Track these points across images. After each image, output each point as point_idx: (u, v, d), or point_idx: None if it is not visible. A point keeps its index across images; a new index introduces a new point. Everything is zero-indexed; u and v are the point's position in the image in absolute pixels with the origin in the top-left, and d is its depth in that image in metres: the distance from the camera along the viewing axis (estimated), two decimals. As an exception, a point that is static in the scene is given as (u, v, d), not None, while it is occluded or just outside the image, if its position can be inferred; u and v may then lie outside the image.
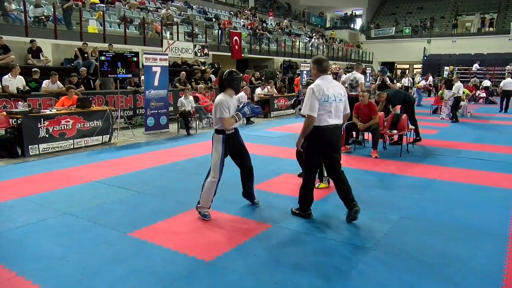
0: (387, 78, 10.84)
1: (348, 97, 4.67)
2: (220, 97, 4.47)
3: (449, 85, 14.16)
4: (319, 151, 4.35)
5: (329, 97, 4.19)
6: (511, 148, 8.82)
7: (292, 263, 3.50)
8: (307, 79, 6.01)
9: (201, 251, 3.70)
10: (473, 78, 24.84)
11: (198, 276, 3.27)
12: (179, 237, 4.04)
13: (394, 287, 3.14)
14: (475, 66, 28.37)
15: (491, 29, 33.22)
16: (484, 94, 21.02)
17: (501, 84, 17.35)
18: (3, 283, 3.13)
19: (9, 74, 9.12)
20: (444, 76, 25.35)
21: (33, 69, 10.20)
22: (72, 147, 8.29)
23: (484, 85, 21.33)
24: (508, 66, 26.90)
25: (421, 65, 33.71)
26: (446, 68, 28.72)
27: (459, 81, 13.66)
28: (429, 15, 36.94)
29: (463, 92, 15.44)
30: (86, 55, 12.58)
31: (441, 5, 37.91)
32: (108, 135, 9.05)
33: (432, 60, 32.94)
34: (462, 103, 15.10)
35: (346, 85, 9.02)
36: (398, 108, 8.86)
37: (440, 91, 15.79)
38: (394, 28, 36.40)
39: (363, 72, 10.41)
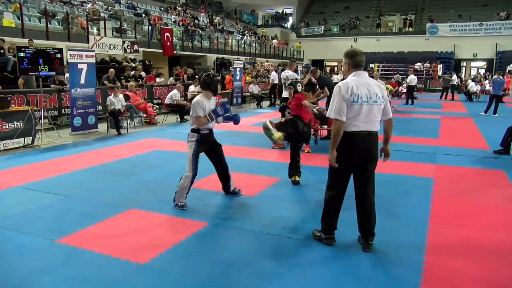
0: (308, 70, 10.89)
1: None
2: (197, 97, 4.77)
3: None
4: (348, 162, 3.62)
5: (359, 97, 3.46)
6: (430, 139, 9.53)
7: (230, 260, 3.52)
8: (290, 80, 6.20)
9: (135, 254, 3.59)
10: (395, 75, 26.49)
11: (133, 280, 3.18)
12: (111, 241, 3.90)
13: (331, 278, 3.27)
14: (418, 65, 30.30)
15: (410, 29, 35.59)
16: (405, 90, 22.44)
17: (407, 80, 19.77)
18: None
19: None
20: (370, 74, 26.74)
21: None
22: (-11, 150, 7.66)
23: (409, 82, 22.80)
24: (418, 64, 29.27)
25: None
26: (371, 65, 30.29)
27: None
28: (355, 15, 38.71)
29: (387, 88, 16.43)
30: (2, 51, 11.65)
31: (366, 5, 39.83)
32: (31, 137, 8.46)
33: (361, 58, 34.59)
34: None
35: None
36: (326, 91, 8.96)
37: None
38: (323, 26, 37.70)
39: (295, 70, 10.53)
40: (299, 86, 6.16)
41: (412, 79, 19.39)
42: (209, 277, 3.23)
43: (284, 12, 41.14)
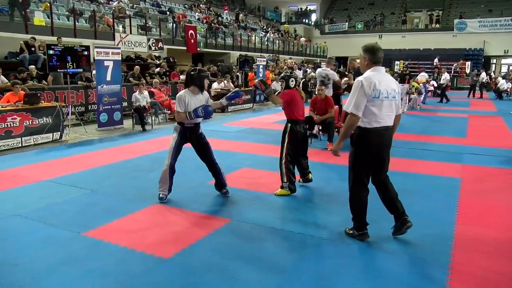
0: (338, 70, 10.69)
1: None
2: (181, 92, 4.88)
3: (402, 79, 14.71)
4: (367, 156, 3.64)
5: (380, 93, 3.46)
6: (457, 139, 9.31)
7: (252, 257, 3.52)
8: (285, 72, 5.79)
9: (158, 249, 3.64)
10: (422, 73, 25.94)
11: (156, 274, 3.22)
12: (135, 235, 3.96)
13: (350, 278, 3.24)
14: (435, 60, 29.52)
15: (437, 25, 34.77)
16: (432, 88, 21.96)
17: (441, 78, 19.47)
18: None
19: None
20: (395, 70, 26.31)
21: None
22: (20, 145, 7.89)
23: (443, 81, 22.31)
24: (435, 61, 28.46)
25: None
26: (396, 62, 29.79)
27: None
28: (380, 11, 38.10)
29: (413, 86, 16.12)
30: (33, 49, 11.98)
31: (391, 1, 39.15)
32: (59, 132, 8.68)
33: (384, 55, 34.00)
34: (412, 96, 15.74)
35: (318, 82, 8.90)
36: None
37: None
38: (347, 23, 37.25)
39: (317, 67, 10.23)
40: (292, 81, 5.41)
41: (446, 77, 19.08)
42: (231, 273, 3.24)
43: (307, 9, 40.84)
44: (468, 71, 28.63)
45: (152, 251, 3.58)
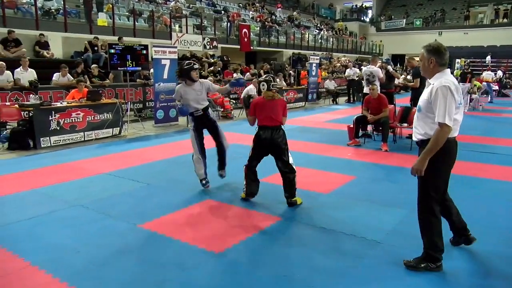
0: (389, 66, 10.29)
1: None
2: (177, 86, 5.48)
3: (463, 78, 13.98)
4: (449, 170, 3.25)
5: (461, 99, 3.17)
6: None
7: (302, 256, 3.50)
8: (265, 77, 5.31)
9: (211, 243, 3.72)
10: (486, 71, 24.51)
11: (208, 268, 3.30)
12: (189, 229, 4.07)
13: (399, 281, 3.14)
14: (488, 58, 27.86)
15: (504, 20, 32.64)
16: (496, 87, 20.73)
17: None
18: (17, 272, 3.19)
19: (20, 67, 9.23)
20: (456, 68, 25.04)
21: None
22: (82, 139, 8.36)
23: (498, 77, 21.07)
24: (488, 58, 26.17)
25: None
26: (457, 60, 28.35)
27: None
28: (440, 7, 36.42)
29: (475, 85, 15.29)
30: (96, 48, 12.64)
31: (453, -4, 37.37)
32: (118, 128, 9.11)
33: (444, 53, 32.47)
34: (474, 96, 14.94)
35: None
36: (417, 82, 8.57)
37: None
38: (404, 20, 35.96)
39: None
40: (262, 85, 4.87)
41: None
42: (281, 271, 3.25)
43: (363, 6, 39.88)
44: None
45: (205, 246, 3.67)
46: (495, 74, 22.34)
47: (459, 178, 5.88)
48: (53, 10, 13.16)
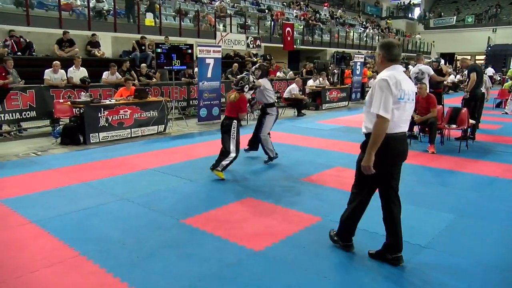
0: (439, 64, 9.92)
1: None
2: (261, 80, 6.52)
3: None
4: (384, 165, 3.20)
5: (405, 94, 3.09)
6: None
7: (341, 258, 3.46)
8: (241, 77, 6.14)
9: (251, 241, 3.75)
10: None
11: (247, 265, 3.32)
12: (230, 226, 4.12)
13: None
14: None
15: None
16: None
17: None
18: (67, 260, 3.35)
19: (73, 66, 9.68)
20: (511, 67, 23.74)
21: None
22: (129, 136, 8.66)
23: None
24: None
25: (484, 56, 31.75)
26: (512, 59, 26.91)
27: None
28: (495, 2, 34.63)
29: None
30: (143, 47, 13.03)
31: (509, -9, 35.45)
32: (163, 125, 9.35)
33: (498, 50, 30.90)
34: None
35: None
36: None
37: (507, 84, 14.79)
38: (455, 17, 34.53)
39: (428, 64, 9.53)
40: (246, 87, 6.15)
41: None
42: (321, 271, 3.22)
43: (411, 3, 38.67)
44: None
45: (244, 243, 3.70)
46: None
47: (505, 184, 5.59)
48: (104, 11, 13.70)
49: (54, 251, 3.52)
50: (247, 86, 6.03)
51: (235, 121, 5.87)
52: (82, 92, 8.69)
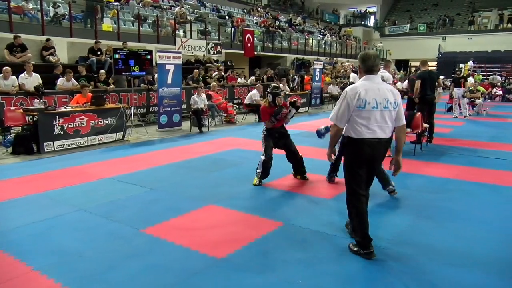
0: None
1: None
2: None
3: (457, 83, 13.96)
4: (358, 167, 3.53)
5: (367, 103, 3.33)
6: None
7: (304, 262, 3.49)
8: (274, 86, 6.20)
9: (213, 248, 3.72)
10: (492, 76, 24.42)
11: (211, 273, 3.29)
12: (191, 234, 4.07)
13: None
14: (470, 63, 27.62)
15: (509, 25, 32.58)
16: (500, 92, 20.69)
17: None
18: (18, 277, 3.19)
19: (25, 72, 9.29)
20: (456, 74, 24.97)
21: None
22: (86, 144, 8.39)
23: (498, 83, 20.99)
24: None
25: (436, 62, 33.26)
26: (461, 66, 28.29)
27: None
28: (444, 12, 36.43)
29: (478, 90, 15.25)
30: (99, 52, 12.70)
31: (457, 1, 37.35)
32: (122, 133, 9.14)
33: (448, 57, 32.47)
34: (477, 101, 14.90)
35: None
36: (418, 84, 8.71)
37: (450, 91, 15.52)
38: (408, 25, 35.99)
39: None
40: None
41: None
42: (283, 277, 3.24)
43: (366, 11, 39.96)
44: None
45: (206, 251, 3.66)
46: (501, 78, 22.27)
47: (468, 184, 5.87)
48: (59, 15, 13.26)
49: (4, 268, 3.34)
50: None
51: (264, 128, 6.15)
52: (36, 99, 8.34)
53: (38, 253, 3.59)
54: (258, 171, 5.79)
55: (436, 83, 9.86)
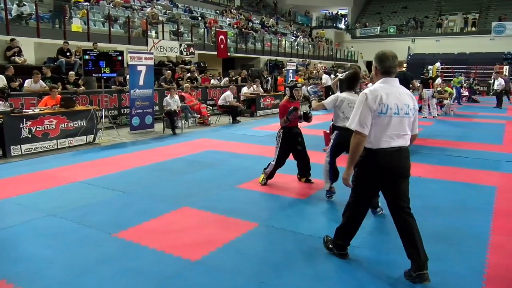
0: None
1: None
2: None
3: (426, 84, 14.34)
4: (375, 181, 3.19)
5: (388, 108, 3.01)
6: (494, 146, 8.99)
7: (279, 262, 3.51)
8: (291, 80, 6.03)
9: (187, 251, 3.69)
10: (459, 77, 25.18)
11: (185, 276, 3.27)
12: (165, 237, 4.03)
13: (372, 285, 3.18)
14: (437, 64, 28.58)
15: (473, 28, 33.79)
16: (467, 93, 21.37)
17: (495, 84, 18.66)
18: (-15, 286, 3.08)
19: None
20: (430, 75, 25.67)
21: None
22: (56, 147, 8.18)
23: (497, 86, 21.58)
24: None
25: (406, 64, 34.07)
26: (430, 67, 29.09)
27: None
28: (413, 15, 37.40)
29: (446, 91, 15.71)
30: (68, 53, 12.40)
31: (425, 5, 38.39)
32: (93, 135, 8.95)
33: (417, 59, 33.31)
34: (445, 101, 15.34)
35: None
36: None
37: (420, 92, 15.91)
38: (379, 27, 36.76)
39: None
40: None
41: (501, 82, 18.27)
42: (259, 277, 3.25)
43: (338, 13, 40.55)
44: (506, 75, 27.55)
45: (181, 253, 3.63)
46: (466, 79, 23.00)
47: (436, 182, 6.03)
48: (25, 15, 12.87)
49: (-30, 275, 3.22)
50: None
51: (282, 130, 5.75)
52: (1, 102, 8.07)
53: (5, 261, 3.48)
54: (266, 170, 5.75)
55: (411, 85, 10.08)
